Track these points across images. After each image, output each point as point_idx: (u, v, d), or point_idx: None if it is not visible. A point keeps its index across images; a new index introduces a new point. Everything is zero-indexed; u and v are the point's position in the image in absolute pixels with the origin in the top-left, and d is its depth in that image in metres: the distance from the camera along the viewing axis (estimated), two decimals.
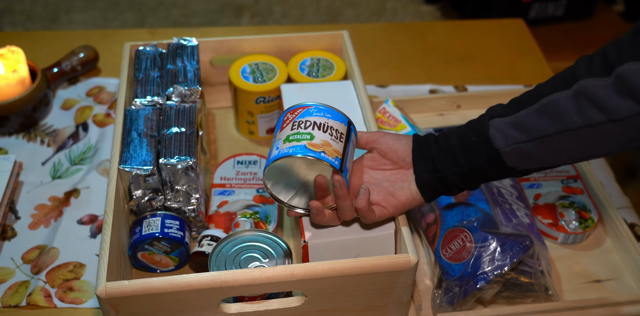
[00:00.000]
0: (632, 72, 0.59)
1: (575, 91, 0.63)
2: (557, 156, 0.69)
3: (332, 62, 1.06)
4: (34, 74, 1.13)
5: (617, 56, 0.61)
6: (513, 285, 0.83)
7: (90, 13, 2.39)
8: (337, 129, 0.75)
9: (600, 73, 0.62)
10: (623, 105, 0.60)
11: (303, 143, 0.72)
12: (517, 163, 0.70)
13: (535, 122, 0.66)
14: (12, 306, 0.87)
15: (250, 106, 1.04)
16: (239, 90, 1.03)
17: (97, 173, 1.04)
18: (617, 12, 2.27)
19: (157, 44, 1.03)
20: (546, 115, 0.65)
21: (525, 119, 0.67)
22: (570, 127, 0.64)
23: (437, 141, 0.75)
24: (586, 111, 0.63)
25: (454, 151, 0.73)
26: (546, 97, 0.66)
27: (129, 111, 0.92)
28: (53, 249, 0.93)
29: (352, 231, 0.79)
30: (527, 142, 0.67)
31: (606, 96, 0.61)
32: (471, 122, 0.74)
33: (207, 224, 0.92)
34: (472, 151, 0.71)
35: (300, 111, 0.76)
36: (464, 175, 0.73)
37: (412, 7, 2.44)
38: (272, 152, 0.73)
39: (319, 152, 0.71)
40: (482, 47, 1.33)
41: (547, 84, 0.68)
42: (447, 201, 0.88)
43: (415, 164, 0.75)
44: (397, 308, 0.80)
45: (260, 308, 0.75)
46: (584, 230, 0.93)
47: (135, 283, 0.70)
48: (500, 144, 0.69)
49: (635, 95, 0.59)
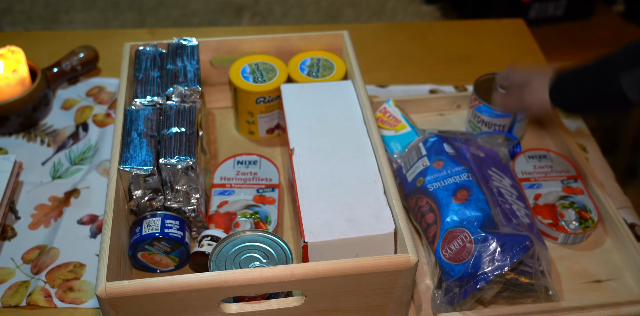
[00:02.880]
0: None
1: None
2: None
3: (332, 62, 1.06)
4: (34, 74, 1.13)
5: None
6: (513, 285, 0.83)
7: (90, 13, 2.39)
8: None
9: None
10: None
11: None
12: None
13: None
14: (12, 306, 0.87)
15: (250, 106, 1.04)
16: (239, 90, 1.03)
17: (97, 173, 1.04)
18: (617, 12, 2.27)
19: (157, 44, 1.03)
20: None
21: None
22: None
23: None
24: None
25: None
26: None
27: (129, 111, 0.92)
28: (53, 249, 0.93)
29: (351, 231, 0.79)
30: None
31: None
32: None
33: (207, 224, 0.92)
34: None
35: None
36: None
37: (412, 7, 2.44)
38: None
39: None
40: (482, 47, 1.33)
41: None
42: (447, 201, 0.88)
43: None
44: (397, 308, 0.80)
45: (260, 308, 0.75)
46: (584, 230, 0.93)
47: (135, 283, 0.70)
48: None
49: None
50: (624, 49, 0.82)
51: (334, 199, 0.83)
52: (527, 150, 1.04)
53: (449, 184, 0.89)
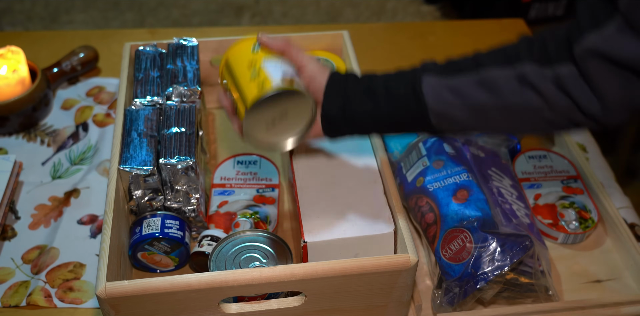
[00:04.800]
0: (568, 76, 0.63)
1: (518, 74, 0.66)
2: (483, 124, 0.71)
3: (332, 62, 1.06)
4: (34, 74, 1.13)
5: (556, 50, 0.65)
6: (513, 285, 0.83)
7: (90, 13, 2.39)
8: None
9: (540, 61, 0.65)
10: (562, 99, 0.65)
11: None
12: (440, 123, 0.71)
13: (473, 91, 0.68)
14: (12, 306, 0.87)
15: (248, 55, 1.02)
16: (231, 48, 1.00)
17: (97, 173, 1.04)
18: None
19: (157, 44, 1.03)
20: (485, 87, 0.68)
21: (462, 85, 0.69)
22: (508, 105, 0.67)
23: (357, 80, 0.75)
24: (527, 95, 0.66)
25: (376, 93, 0.72)
26: (486, 69, 0.68)
27: (129, 111, 0.92)
28: (53, 249, 0.93)
29: (351, 231, 0.79)
30: (459, 106, 0.69)
31: (547, 88, 0.65)
32: (401, 71, 0.74)
33: (207, 224, 0.92)
34: (398, 99, 0.71)
35: None
36: (378, 119, 0.73)
37: (412, 7, 2.43)
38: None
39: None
40: (482, 47, 1.32)
41: (487, 55, 0.71)
42: (447, 201, 0.88)
43: (325, 97, 0.74)
44: (397, 308, 0.80)
45: (260, 308, 0.75)
46: (584, 230, 0.93)
47: (135, 283, 0.70)
48: (431, 102, 0.70)
49: (571, 95, 0.64)
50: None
51: (334, 199, 0.83)
52: (527, 150, 1.04)
53: (449, 184, 0.89)
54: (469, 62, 0.71)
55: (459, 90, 0.69)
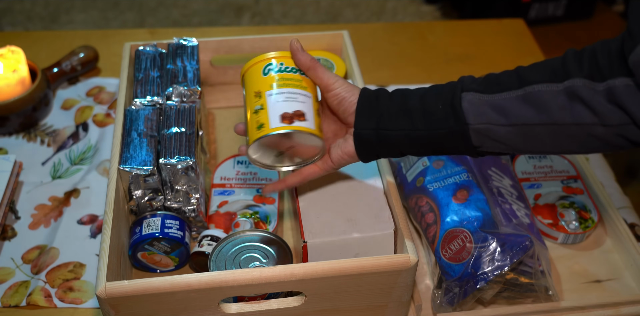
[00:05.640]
0: (623, 88, 0.59)
1: (567, 88, 0.62)
2: (529, 145, 0.67)
3: (332, 62, 1.06)
4: (34, 74, 1.13)
5: (608, 65, 0.61)
6: (513, 285, 0.83)
7: (90, 13, 2.39)
8: None
9: (591, 76, 0.62)
10: (616, 113, 0.61)
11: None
12: (482, 143, 0.68)
13: (518, 108, 0.65)
14: (12, 306, 0.87)
15: (258, 80, 1.02)
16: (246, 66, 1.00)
17: (97, 173, 1.04)
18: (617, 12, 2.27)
19: (157, 44, 1.03)
20: (531, 104, 0.64)
21: (507, 103, 0.65)
22: (557, 121, 0.63)
23: (392, 97, 0.71)
24: (577, 110, 0.62)
25: (411, 112, 0.68)
26: (532, 86, 0.64)
27: (129, 111, 0.92)
28: (53, 249, 0.93)
29: (351, 231, 0.79)
30: (503, 125, 0.65)
31: (598, 102, 0.61)
32: (438, 87, 0.70)
33: (207, 224, 0.92)
34: (436, 118, 0.67)
35: None
36: (415, 140, 0.69)
37: (412, 7, 2.43)
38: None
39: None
40: (482, 47, 1.33)
41: (532, 71, 0.66)
42: (447, 201, 0.88)
43: (358, 118, 0.70)
44: (397, 308, 0.80)
45: (260, 308, 0.75)
46: (584, 230, 0.93)
47: (135, 283, 0.70)
48: (473, 120, 0.66)
49: (626, 109, 0.60)
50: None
51: (334, 199, 0.83)
52: None
53: (449, 184, 0.89)
54: (511, 77, 0.66)
55: (502, 107, 0.65)
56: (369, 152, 0.72)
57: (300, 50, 0.73)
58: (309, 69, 0.73)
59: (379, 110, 0.70)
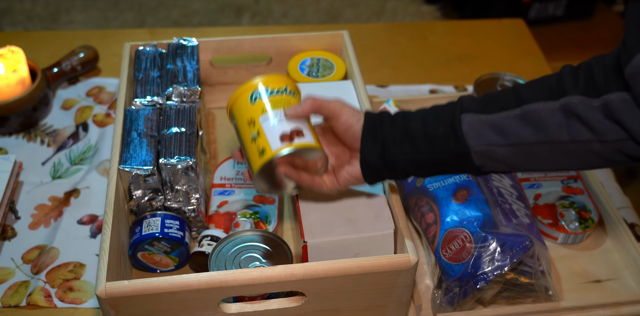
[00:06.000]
0: (618, 102, 0.59)
1: (563, 106, 0.63)
2: (529, 163, 0.68)
3: (332, 62, 1.06)
4: (34, 74, 1.13)
5: (604, 80, 0.61)
6: (513, 285, 0.83)
7: (90, 13, 2.39)
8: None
9: (587, 92, 0.62)
10: (612, 129, 0.61)
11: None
12: (484, 163, 0.68)
13: (516, 128, 0.65)
14: (12, 306, 0.87)
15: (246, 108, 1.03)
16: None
17: (97, 173, 1.04)
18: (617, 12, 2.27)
19: (157, 44, 1.03)
20: (529, 123, 0.65)
21: (505, 123, 0.66)
22: (554, 139, 0.64)
23: (394, 122, 0.72)
24: (574, 127, 0.62)
25: (414, 137, 0.70)
26: (529, 105, 0.65)
27: (129, 111, 0.92)
28: (53, 249, 0.93)
29: (351, 231, 0.79)
30: (503, 146, 0.66)
31: (595, 118, 0.61)
32: (437, 109, 0.71)
33: (207, 224, 0.92)
34: (437, 141, 0.68)
35: None
36: (419, 163, 0.70)
37: (412, 7, 2.43)
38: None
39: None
40: (482, 47, 1.33)
41: (529, 89, 0.66)
42: (447, 201, 0.88)
43: (363, 144, 0.72)
44: (397, 308, 0.80)
45: (260, 308, 0.75)
46: (584, 230, 0.93)
47: (135, 283, 0.70)
48: (473, 142, 0.67)
49: (622, 124, 0.60)
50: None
51: (334, 199, 0.83)
52: None
53: (449, 184, 0.89)
54: (509, 96, 0.67)
55: (501, 127, 0.65)
56: (375, 176, 0.74)
57: (298, 110, 0.73)
58: (316, 110, 0.74)
59: (383, 135, 0.71)
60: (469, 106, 0.68)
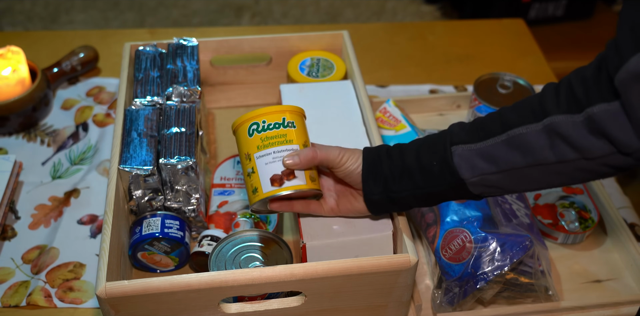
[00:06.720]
0: (602, 114, 0.59)
1: (546, 127, 0.63)
2: (523, 186, 0.69)
3: (332, 62, 1.06)
4: (34, 74, 1.13)
5: (584, 93, 0.61)
6: (513, 285, 0.83)
7: (90, 13, 2.39)
8: None
9: (569, 109, 0.62)
10: (597, 144, 0.61)
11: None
12: (481, 191, 0.70)
13: (505, 154, 0.66)
14: (12, 306, 0.87)
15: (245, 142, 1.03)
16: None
17: (97, 173, 1.04)
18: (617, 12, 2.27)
19: (157, 44, 1.03)
20: (516, 148, 0.65)
21: (493, 150, 0.67)
22: (541, 162, 0.64)
23: (391, 157, 0.73)
24: (559, 148, 0.63)
25: (411, 172, 0.72)
26: (514, 129, 0.65)
27: (129, 111, 0.92)
28: (53, 249, 0.93)
29: (350, 233, 0.79)
30: (495, 173, 0.67)
31: (578, 135, 0.61)
32: (430, 142, 0.72)
33: (207, 224, 0.92)
34: (433, 176, 0.70)
35: None
36: (420, 197, 0.72)
37: (412, 7, 2.44)
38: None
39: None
40: (482, 47, 1.33)
41: (513, 112, 0.67)
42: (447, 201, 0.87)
43: (365, 183, 0.74)
44: (397, 308, 0.80)
45: (260, 308, 0.75)
46: (584, 230, 0.93)
47: (135, 283, 0.70)
48: (467, 175, 0.68)
49: (608, 135, 0.59)
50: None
51: None
52: None
53: None
54: (494, 122, 0.68)
55: (490, 155, 0.67)
56: (380, 210, 0.77)
57: (296, 160, 0.74)
58: (315, 164, 0.75)
59: (382, 174, 0.73)
60: (459, 136, 0.70)
